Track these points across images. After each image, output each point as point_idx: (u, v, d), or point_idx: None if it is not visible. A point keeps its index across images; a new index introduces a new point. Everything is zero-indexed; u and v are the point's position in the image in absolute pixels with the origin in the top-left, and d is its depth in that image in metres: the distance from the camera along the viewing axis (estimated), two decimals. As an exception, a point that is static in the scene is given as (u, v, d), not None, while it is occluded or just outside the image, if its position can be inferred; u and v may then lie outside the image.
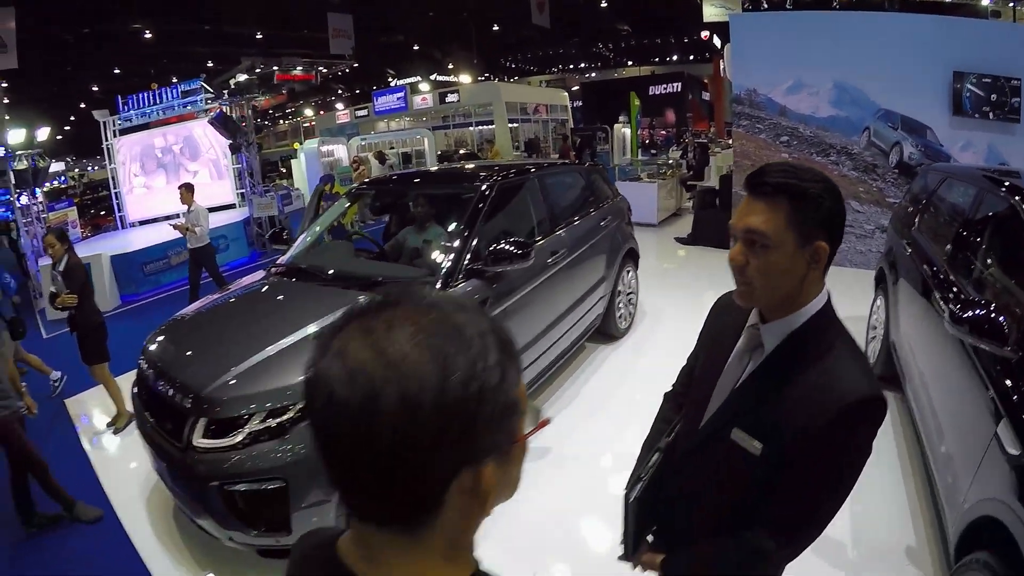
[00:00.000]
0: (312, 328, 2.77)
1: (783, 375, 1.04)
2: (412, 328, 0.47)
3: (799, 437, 0.99)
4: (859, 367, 1.01)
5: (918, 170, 5.66)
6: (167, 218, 12.23)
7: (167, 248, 9.53)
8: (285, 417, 2.40)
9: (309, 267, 3.66)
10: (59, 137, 28.29)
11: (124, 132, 14.25)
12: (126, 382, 4.53)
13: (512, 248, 3.10)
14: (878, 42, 6.67)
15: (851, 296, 5.42)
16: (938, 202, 3.83)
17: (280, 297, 3.41)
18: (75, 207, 13.73)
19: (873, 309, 4.56)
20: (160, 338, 3.16)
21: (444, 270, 3.18)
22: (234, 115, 11.94)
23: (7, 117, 14.85)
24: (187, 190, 7.06)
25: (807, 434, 0.98)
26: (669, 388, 1.53)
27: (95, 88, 25.85)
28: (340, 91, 38.12)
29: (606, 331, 4.91)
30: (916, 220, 4.01)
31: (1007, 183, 2.76)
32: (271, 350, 2.67)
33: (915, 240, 3.79)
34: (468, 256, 3.25)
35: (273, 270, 3.78)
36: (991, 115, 6.45)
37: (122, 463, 3.92)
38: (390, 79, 31.13)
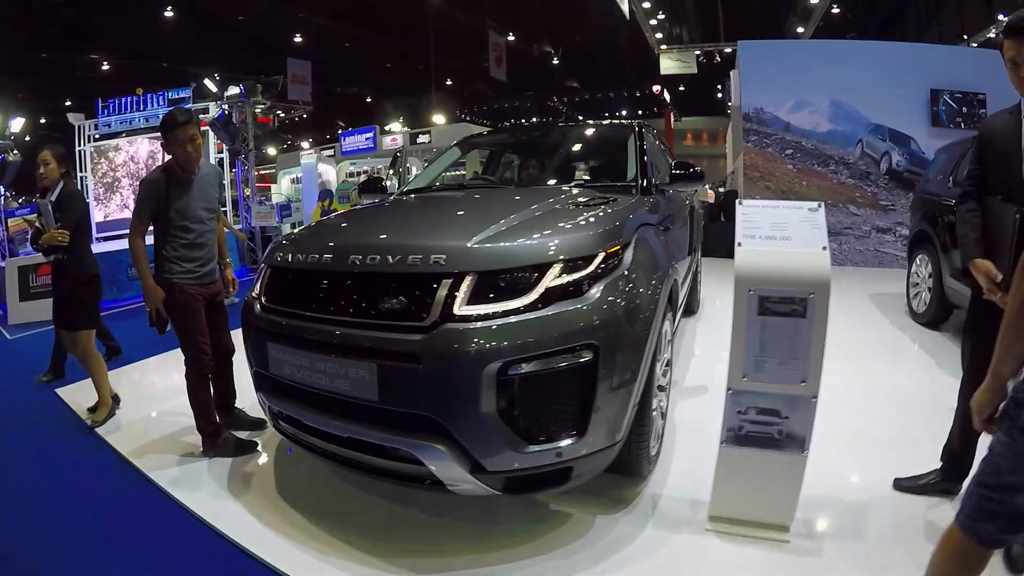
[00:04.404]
0: (538, 210, 2.29)
1: None
2: None
3: None
4: None
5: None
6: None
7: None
8: (587, 271, 1.88)
9: (467, 183, 3.64)
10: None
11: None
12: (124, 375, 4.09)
13: (690, 169, 2.96)
14: (867, 66, 7.80)
15: (872, 285, 6.63)
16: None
17: (473, 197, 2.99)
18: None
19: (912, 269, 5.10)
20: (331, 225, 2.56)
21: (639, 183, 2.98)
22: (235, 120, 11.06)
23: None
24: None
25: None
26: None
27: (43, 120, 24.46)
28: (290, 139, 37.86)
29: (691, 309, 5.20)
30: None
31: None
32: (524, 215, 2.19)
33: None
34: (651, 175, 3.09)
35: (397, 196, 3.40)
36: (963, 124, 7.62)
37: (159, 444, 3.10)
38: (339, 130, 31.39)
